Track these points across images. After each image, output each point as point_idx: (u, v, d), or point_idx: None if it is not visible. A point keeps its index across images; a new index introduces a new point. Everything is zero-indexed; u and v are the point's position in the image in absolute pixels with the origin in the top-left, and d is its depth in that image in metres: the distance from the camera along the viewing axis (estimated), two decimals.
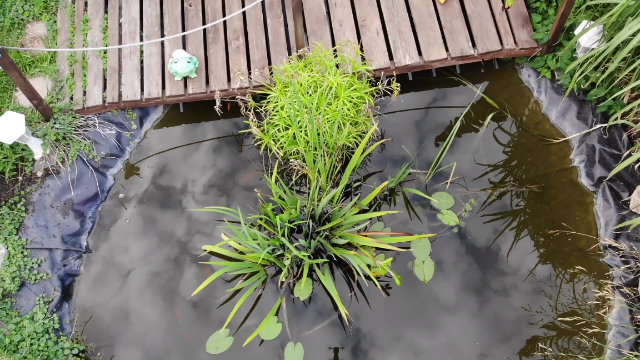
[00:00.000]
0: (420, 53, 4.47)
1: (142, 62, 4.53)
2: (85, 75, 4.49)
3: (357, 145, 4.04)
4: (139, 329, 4.02)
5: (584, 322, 3.86)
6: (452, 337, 3.90)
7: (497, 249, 4.15)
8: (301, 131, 3.78)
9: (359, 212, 4.06)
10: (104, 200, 4.39)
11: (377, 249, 4.11)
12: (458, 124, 4.12)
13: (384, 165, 4.44)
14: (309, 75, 3.82)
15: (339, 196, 4.03)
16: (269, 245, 3.78)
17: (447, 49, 4.46)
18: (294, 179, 4.32)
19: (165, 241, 4.25)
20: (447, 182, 4.30)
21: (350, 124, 3.93)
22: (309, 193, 4.15)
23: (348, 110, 3.78)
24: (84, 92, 4.45)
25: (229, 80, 4.42)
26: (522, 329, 3.92)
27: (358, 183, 4.34)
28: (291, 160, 3.75)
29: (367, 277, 4.02)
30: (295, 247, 3.95)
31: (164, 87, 4.43)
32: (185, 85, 4.42)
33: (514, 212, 4.26)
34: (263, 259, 3.82)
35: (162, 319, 4.03)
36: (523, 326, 3.92)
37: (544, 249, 4.14)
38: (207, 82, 4.43)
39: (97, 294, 4.13)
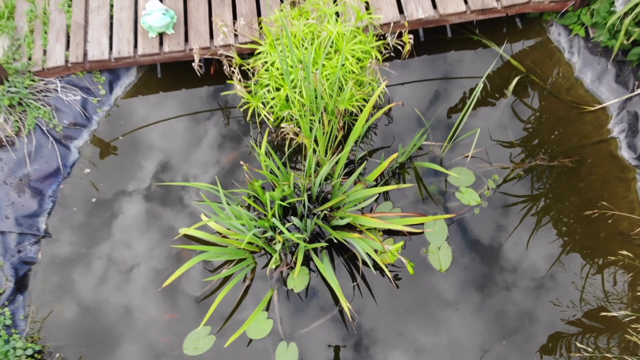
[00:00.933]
0: (434, 5, 3.84)
1: (111, 17, 3.91)
2: (46, 33, 3.88)
3: (362, 111, 3.43)
4: (105, 327, 3.42)
5: (633, 317, 3.25)
6: (472, 335, 3.30)
7: (525, 232, 3.54)
8: (295, 92, 3.16)
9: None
10: (67, 177, 3.79)
11: (384, 232, 3.51)
12: (479, 90, 3.49)
13: (392, 139, 3.83)
14: (304, 24, 3.20)
15: (341, 171, 3.42)
16: (256, 227, 3.17)
17: (465, 1, 3.83)
18: (287, 151, 3.70)
19: (138, 224, 3.65)
20: (467, 156, 3.69)
21: (354, 84, 3.32)
22: (304, 169, 3.54)
23: (351, 65, 3.15)
24: (44, 52, 3.83)
25: (211, 37, 3.79)
26: (555, 325, 3.31)
27: (363, 154, 3.72)
28: (283, 125, 3.13)
29: (373, 266, 3.43)
30: (289, 229, 3.35)
31: (136, 45, 3.81)
32: (161, 43, 3.80)
33: (544, 190, 3.65)
34: (249, 243, 3.22)
35: (133, 314, 3.43)
36: (556, 322, 3.32)
37: (579, 232, 3.53)
38: (187, 39, 3.81)
39: (58, 285, 3.53)
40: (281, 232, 3.33)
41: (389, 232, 3.54)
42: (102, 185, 3.75)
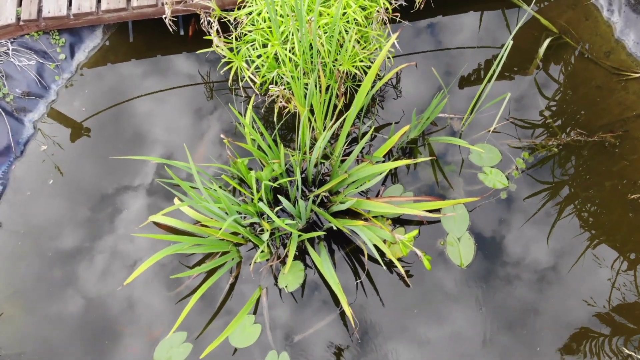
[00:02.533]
0: None
1: None
2: None
3: (367, 74, 2.86)
4: (63, 333, 2.87)
5: None
6: (501, 341, 2.75)
7: (559, 220, 2.98)
8: (286, 48, 2.59)
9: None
10: (20, 156, 3.23)
11: (392, 222, 2.96)
12: (506, 50, 2.92)
13: (401, 112, 3.27)
14: None
15: (341, 148, 2.85)
16: (239, 213, 2.61)
17: None
18: (276, 122, 3.13)
19: (102, 210, 3.09)
20: (490, 130, 3.12)
21: (357, 41, 2.74)
22: (298, 145, 2.97)
23: (354, 13, 2.57)
24: None
25: None
26: (599, 329, 2.77)
27: (368, 130, 3.16)
28: (271, 87, 2.56)
29: (381, 260, 2.87)
30: (278, 215, 2.79)
31: (99, 0, 3.24)
32: None
33: (582, 170, 3.09)
34: (233, 233, 2.66)
35: (94, 318, 2.88)
36: (598, 326, 2.77)
37: (623, 221, 2.98)
38: None
39: (7, 284, 2.97)
40: (270, 220, 2.77)
41: (398, 222, 2.98)
42: (60, 165, 3.18)
